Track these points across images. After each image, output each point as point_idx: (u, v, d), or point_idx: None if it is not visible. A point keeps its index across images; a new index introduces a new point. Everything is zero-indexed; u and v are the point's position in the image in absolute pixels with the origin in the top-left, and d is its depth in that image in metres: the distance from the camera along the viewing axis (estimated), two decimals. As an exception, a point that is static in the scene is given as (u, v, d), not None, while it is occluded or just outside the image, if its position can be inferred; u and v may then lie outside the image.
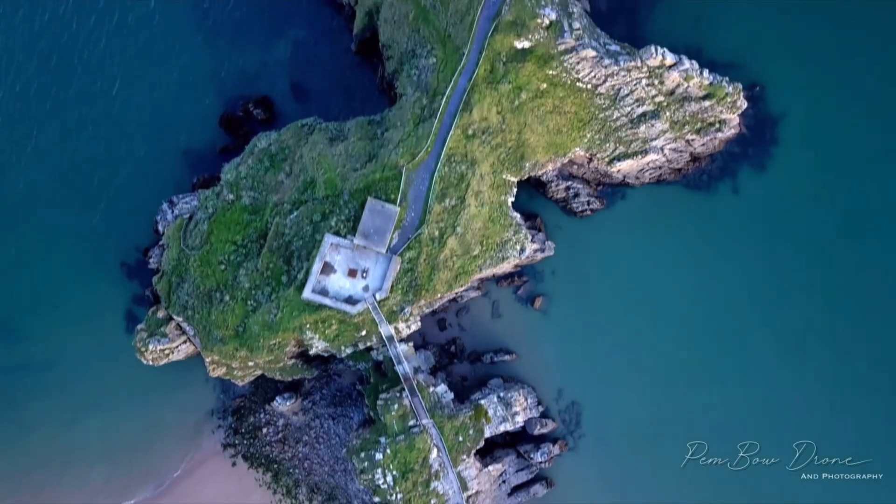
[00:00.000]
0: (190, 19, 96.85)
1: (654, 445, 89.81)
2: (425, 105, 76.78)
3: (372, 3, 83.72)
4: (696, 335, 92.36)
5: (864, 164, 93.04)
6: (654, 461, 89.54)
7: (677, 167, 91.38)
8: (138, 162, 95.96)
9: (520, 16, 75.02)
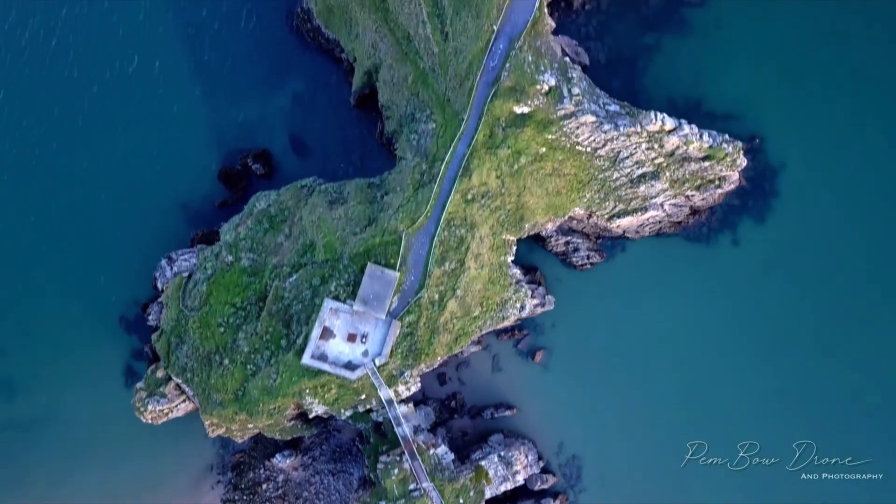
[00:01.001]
0: (190, 73, 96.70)
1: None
2: (425, 170, 76.68)
3: (371, 64, 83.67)
4: (697, 387, 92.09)
5: (863, 216, 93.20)
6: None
7: (677, 220, 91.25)
8: (138, 215, 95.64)
9: (519, 82, 75.00)
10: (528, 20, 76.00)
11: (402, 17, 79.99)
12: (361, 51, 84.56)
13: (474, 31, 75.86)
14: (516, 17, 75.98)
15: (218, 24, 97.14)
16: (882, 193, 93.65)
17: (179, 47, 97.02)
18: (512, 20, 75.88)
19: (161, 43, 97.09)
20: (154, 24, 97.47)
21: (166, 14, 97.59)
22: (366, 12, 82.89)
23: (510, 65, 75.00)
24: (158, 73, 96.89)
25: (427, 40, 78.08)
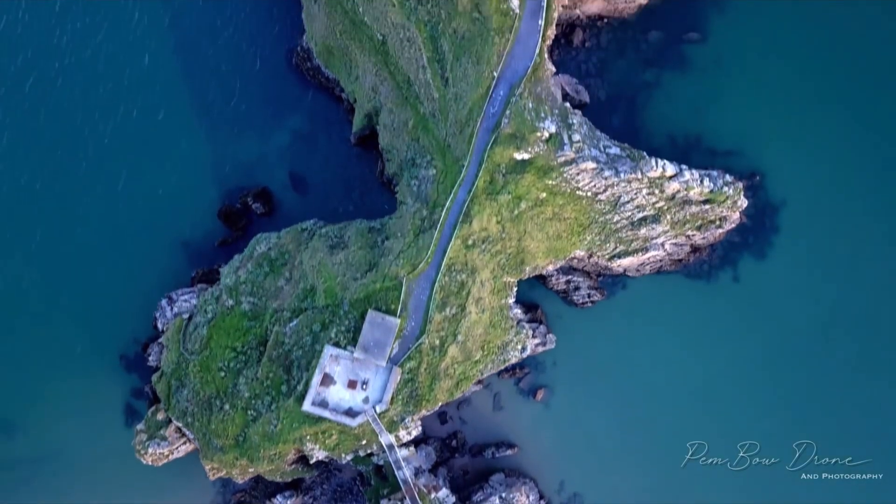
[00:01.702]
0: (191, 110, 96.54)
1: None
2: (425, 216, 76.61)
3: (371, 107, 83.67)
4: (698, 425, 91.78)
5: (865, 252, 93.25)
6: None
7: (678, 258, 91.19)
8: (138, 253, 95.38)
9: (519, 129, 74.97)
10: (528, 66, 76.02)
11: (403, 61, 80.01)
12: (362, 93, 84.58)
13: (474, 77, 75.88)
14: (517, 64, 75.99)
15: (218, 62, 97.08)
16: (882, 229, 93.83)
17: (180, 85, 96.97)
18: (512, 66, 75.89)
19: (162, 81, 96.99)
20: (156, 62, 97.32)
21: (168, 52, 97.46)
22: (366, 55, 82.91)
23: (510, 112, 75.00)
24: (161, 111, 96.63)
25: (427, 85, 78.09)
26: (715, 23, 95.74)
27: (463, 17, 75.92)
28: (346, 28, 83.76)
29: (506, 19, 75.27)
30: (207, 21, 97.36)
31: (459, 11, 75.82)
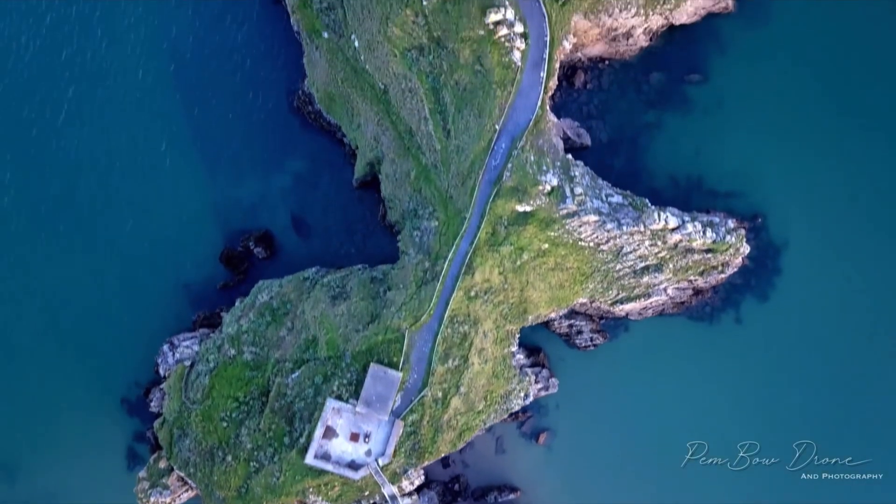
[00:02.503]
0: (193, 153, 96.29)
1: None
2: (427, 268, 76.54)
3: (373, 156, 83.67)
4: (701, 467, 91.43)
5: (867, 292, 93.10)
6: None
7: (680, 301, 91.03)
8: (140, 296, 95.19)
9: (521, 182, 74.93)
10: (530, 119, 76.06)
11: (404, 111, 79.99)
12: (363, 142, 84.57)
13: (476, 129, 75.85)
14: (518, 116, 75.99)
15: (219, 104, 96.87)
16: (884, 271, 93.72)
17: (182, 127, 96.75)
18: (514, 119, 75.89)
19: (164, 123, 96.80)
20: (158, 103, 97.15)
21: (169, 94, 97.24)
22: (367, 104, 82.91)
23: (512, 165, 74.98)
24: (163, 154, 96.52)
25: (429, 137, 78.08)
26: (716, 64, 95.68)
27: (465, 70, 75.93)
28: (347, 76, 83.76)
29: (507, 72, 75.28)
30: (208, 62, 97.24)
31: (461, 64, 75.83)
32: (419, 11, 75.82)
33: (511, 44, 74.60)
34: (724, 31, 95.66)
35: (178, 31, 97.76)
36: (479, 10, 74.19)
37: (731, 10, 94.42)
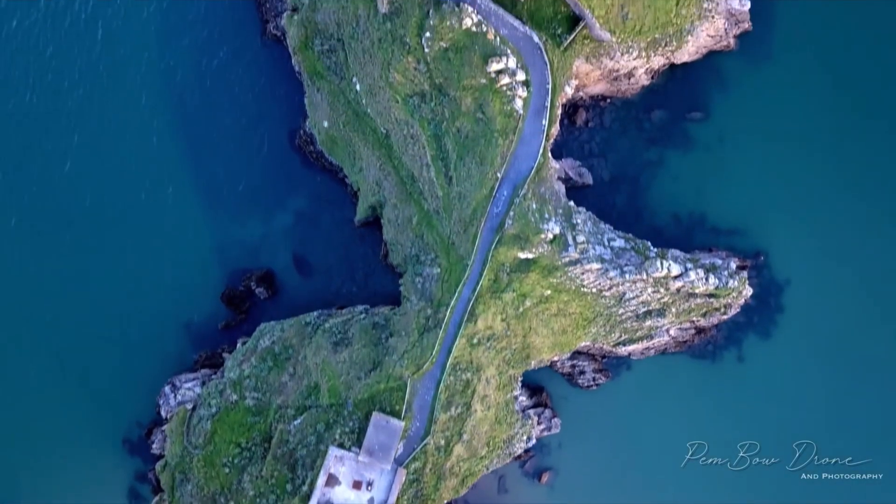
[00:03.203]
0: (195, 191, 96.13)
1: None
2: (430, 315, 76.37)
3: (375, 200, 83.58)
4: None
5: (870, 333, 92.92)
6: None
7: (683, 340, 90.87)
8: (141, 335, 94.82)
9: (523, 231, 74.81)
10: (532, 167, 75.99)
11: (406, 157, 79.92)
12: (365, 186, 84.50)
13: (478, 177, 75.75)
14: (520, 164, 75.91)
15: (219, 141, 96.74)
16: (888, 308, 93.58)
17: (182, 165, 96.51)
18: (516, 167, 75.83)
19: (164, 160, 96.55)
20: (158, 140, 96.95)
21: (170, 131, 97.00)
22: (369, 148, 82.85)
23: (514, 213, 74.88)
24: (166, 191, 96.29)
25: (431, 183, 77.99)
26: (718, 101, 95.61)
27: (466, 117, 75.86)
28: (349, 119, 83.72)
29: (509, 120, 75.21)
30: (210, 99, 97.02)
31: (463, 111, 75.77)
32: (421, 58, 75.78)
33: (513, 92, 74.56)
34: (726, 68, 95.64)
35: (180, 68, 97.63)
36: (480, 58, 74.13)
37: (732, 48, 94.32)
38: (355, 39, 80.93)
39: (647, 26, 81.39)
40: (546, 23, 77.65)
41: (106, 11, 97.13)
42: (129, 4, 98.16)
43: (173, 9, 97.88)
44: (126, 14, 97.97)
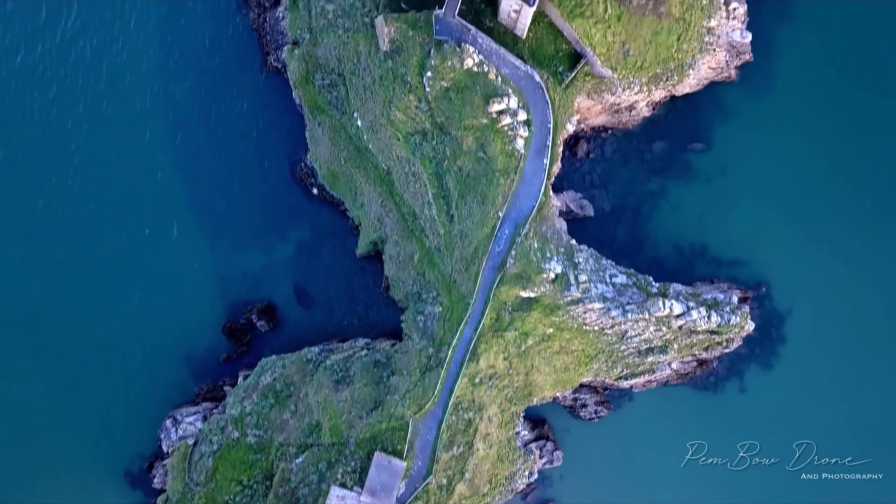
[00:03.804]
0: (197, 222, 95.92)
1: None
2: (431, 354, 76.24)
3: (376, 236, 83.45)
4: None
5: (872, 365, 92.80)
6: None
7: (684, 373, 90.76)
8: (143, 367, 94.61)
9: (525, 270, 74.71)
10: (533, 206, 75.90)
11: (408, 194, 79.81)
12: (367, 222, 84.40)
13: (479, 216, 75.64)
14: (522, 203, 75.83)
15: (221, 173, 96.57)
16: (890, 339, 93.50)
17: (184, 197, 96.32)
18: (517, 206, 75.73)
19: (167, 192, 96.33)
20: (161, 172, 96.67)
21: (172, 162, 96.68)
22: (371, 184, 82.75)
23: (516, 252, 74.78)
24: (169, 223, 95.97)
25: (433, 221, 77.87)
26: (719, 132, 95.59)
27: (468, 156, 75.77)
28: (350, 155, 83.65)
29: (511, 160, 75.13)
30: (212, 131, 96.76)
31: (464, 150, 75.67)
32: (422, 97, 75.70)
33: (514, 132, 74.49)
34: (727, 99, 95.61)
35: (182, 100, 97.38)
36: (482, 98, 74.06)
37: (733, 79, 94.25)
38: (356, 76, 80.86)
39: (649, 62, 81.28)
40: (547, 60, 77.59)
41: (110, 47, 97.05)
42: (132, 39, 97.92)
43: (175, 42, 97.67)
44: (130, 48, 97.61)
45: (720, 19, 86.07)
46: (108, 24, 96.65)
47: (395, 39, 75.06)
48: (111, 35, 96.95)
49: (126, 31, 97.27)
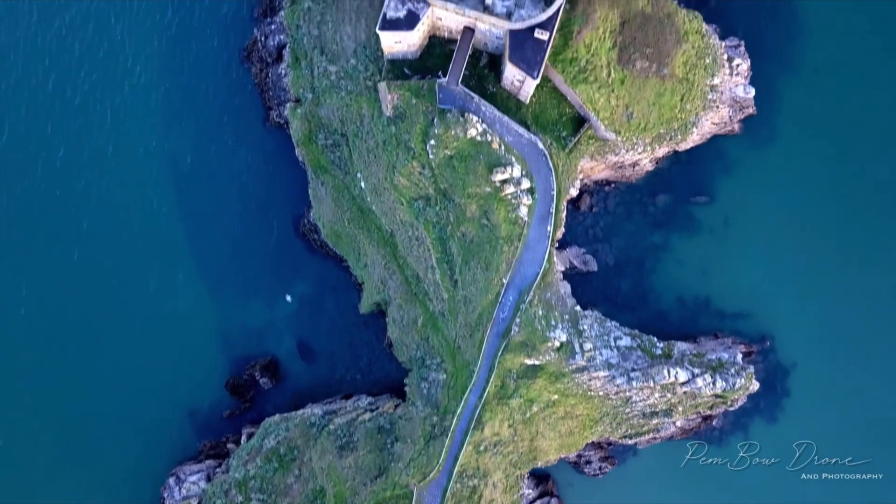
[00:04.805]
0: (200, 277, 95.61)
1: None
2: (436, 422, 75.91)
3: (380, 298, 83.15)
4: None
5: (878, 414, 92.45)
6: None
7: (689, 428, 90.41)
8: (146, 423, 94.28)
9: (530, 338, 74.42)
10: (537, 273, 75.63)
11: (411, 258, 79.56)
12: (370, 283, 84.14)
13: (483, 282, 75.39)
14: (525, 270, 75.55)
15: (224, 228, 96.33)
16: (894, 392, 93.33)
17: (187, 252, 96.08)
18: (521, 272, 75.46)
19: (170, 246, 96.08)
20: (165, 226, 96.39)
21: (176, 216, 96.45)
22: (374, 246, 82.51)
23: (520, 320, 74.51)
24: (172, 278, 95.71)
25: (436, 285, 77.63)
26: (722, 185, 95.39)
27: (471, 223, 75.53)
28: (353, 216, 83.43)
29: (514, 227, 74.88)
30: (216, 185, 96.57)
31: (468, 217, 75.44)
32: (425, 164, 75.51)
33: (518, 200, 74.29)
34: (730, 151, 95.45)
35: (185, 152, 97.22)
36: (485, 168, 73.86)
37: (736, 132, 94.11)
38: (359, 138, 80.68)
39: (652, 123, 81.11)
40: (551, 125, 77.44)
41: (114, 101, 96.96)
42: (137, 90, 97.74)
43: (177, 94, 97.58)
44: (133, 100, 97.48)
45: (723, 76, 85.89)
46: (119, 84, 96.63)
47: (399, 106, 74.87)
48: (121, 94, 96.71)
49: (134, 87, 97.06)
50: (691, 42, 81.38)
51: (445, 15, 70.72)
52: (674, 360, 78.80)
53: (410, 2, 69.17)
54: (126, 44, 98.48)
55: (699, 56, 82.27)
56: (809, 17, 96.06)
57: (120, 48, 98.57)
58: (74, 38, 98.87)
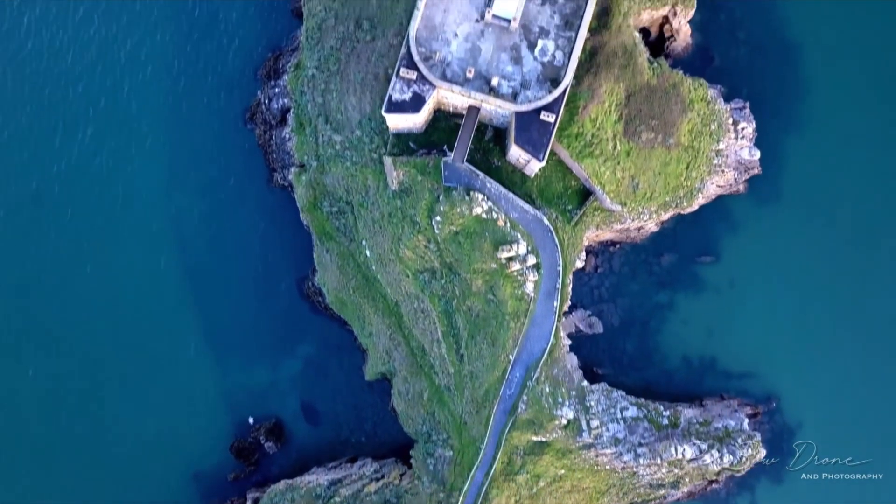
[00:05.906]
0: (203, 339, 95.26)
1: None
2: (442, 499, 75.72)
3: (385, 369, 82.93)
4: None
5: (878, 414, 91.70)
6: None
7: (694, 492, 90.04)
8: (150, 486, 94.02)
9: (537, 416, 74.26)
10: (544, 349, 75.40)
11: (417, 330, 79.37)
12: (375, 353, 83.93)
13: (490, 358, 75.19)
14: (532, 346, 75.37)
15: (227, 289, 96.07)
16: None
17: (190, 314, 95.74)
18: (528, 348, 75.28)
19: (173, 309, 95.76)
20: (167, 288, 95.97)
21: (178, 278, 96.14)
22: (379, 316, 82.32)
23: (528, 397, 74.32)
24: (174, 340, 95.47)
25: (442, 359, 77.41)
26: (727, 244, 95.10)
27: (477, 298, 75.37)
28: (359, 284, 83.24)
29: (520, 303, 74.73)
30: (218, 246, 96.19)
31: (474, 292, 75.29)
32: (431, 238, 75.36)
33: (524, 277, 74.17)
34: (735, 211, 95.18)
35: (187, 212, 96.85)
36: (491, 245, 73.71)
37: (741, 192, 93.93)
38: (365, 208, 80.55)
39: (658, 192, 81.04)
40: (556, 198, 77.40)
41: (118, 165, 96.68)
42: (139, 145, 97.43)
43: (180, 152, 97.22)
44: (134, 157, 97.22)
45: (728, 140, 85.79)
46: (124, 146, 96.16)
47: (404, 182, 74.75)
48: (127, 155, 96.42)
49: (140, 149, 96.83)
50: (696, 110, 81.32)
51: (451, 95, 70.62)
52: (680, 431, 78.54)
53: (416, 84, 69.06)
54: (132, 102, 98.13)
55: (704, 123, 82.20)
56: (816, 75, 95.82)
57: (125, 103, 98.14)
58: (77, 94, 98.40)
